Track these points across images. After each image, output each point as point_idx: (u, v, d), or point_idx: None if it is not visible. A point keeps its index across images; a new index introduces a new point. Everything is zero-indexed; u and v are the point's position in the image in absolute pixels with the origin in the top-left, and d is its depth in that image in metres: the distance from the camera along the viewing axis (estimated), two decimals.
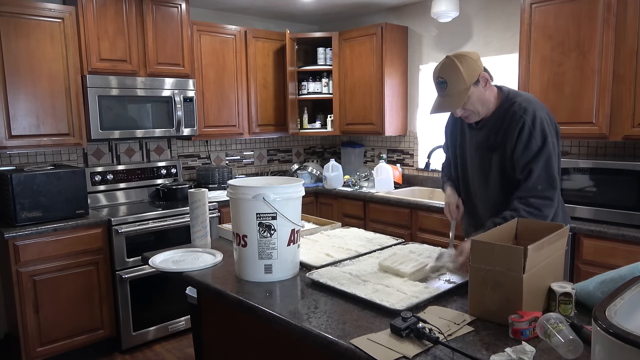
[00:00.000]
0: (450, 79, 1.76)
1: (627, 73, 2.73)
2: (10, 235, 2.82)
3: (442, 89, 1.79)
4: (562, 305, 1.42)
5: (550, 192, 1.76)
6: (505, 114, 1.84)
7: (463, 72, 1.75)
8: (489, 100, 1.85)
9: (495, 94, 1.88)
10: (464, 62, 1.76)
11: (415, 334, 1.27)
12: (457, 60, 1.76)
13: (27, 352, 2.93)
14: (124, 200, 3.75)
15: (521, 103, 1.81)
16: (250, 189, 1.75)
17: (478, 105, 1.83)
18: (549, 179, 1.76)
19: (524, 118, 1.77)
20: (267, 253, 1.77)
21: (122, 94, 3.37)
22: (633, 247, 2.56)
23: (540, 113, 1.79)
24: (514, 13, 3.51)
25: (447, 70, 1.77)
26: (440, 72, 1.80)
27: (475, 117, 1.88)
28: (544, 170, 1.76)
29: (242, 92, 4.17)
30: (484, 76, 1.80)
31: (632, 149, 3.05)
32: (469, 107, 1.83)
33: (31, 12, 3.03)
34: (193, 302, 2.48)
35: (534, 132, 1.76)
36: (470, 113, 1.85)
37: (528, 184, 1.77)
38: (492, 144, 1.88)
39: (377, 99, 4.16)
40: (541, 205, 1.75)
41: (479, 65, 1.79)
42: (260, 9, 4.32)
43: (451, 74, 1.76)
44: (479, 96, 1.81)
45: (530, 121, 1.76)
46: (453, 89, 1.77)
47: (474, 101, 1.81)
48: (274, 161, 4.88)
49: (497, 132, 1.86)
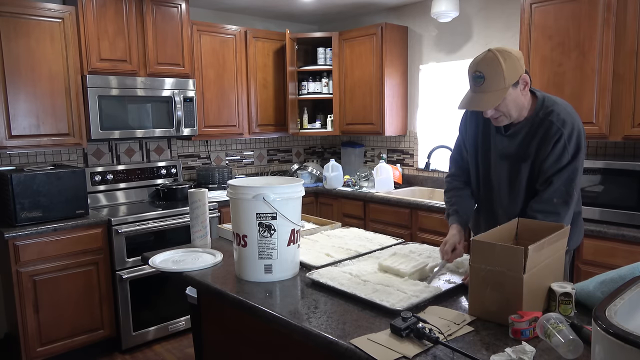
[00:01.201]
0: (489, 74, 1.62)
1: (627, 73, 2.73)
2: (10, 235, 2.82)
3: (478, 84, 1.65)
4: (562, 305, 1.42)
5: (562, 208, 1.70)
6: (540, 124, 1.72)
7: (505, 70, 1.61)
8: (523, 106, 1.73)
9: (529, 99, 1.75)
10: (508, 59, 1.62)
11: (415, 334, 1.27)
12: (500, 55, 1.62)
13: (27, 352, 2.93)
14: (124, 200, 3.75)
15: (559, 114, 1.70)
16: (250, 189, 1.75)
17: (512, 108, 1.70)
18: (565, 195, 1.69)
19: (561, 131, 1.67)
20: (267, 253, 1.77)
21: (122, 94, 3.37)
22: (633, 247, 2.56)
23: (578, 126, 1.70)
24: (514, 13, 3.51)
25: (488, 65, 1.62)
26: (479, 65, 1.65)
27: (506, 121, 1.74)
28: (563, 185, 1.69)
29: (242, 92, 4.17)
30: (524, 79, 1.67)
31: (632, 149, 3.05)
32: (502, 109, 1.69)
33: (31, 12, 3.03)
34: (193, 302, 2.48)
35: (568, 147, 1.67)
36: (501, 115, 1.72)
37: (544, 195, 1.71)
38: (524, 153, 1.77)
39: (377, 99, 4.16)
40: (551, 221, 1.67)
41: (521, 65, 1.66)
42: (260, 9, 4.32)
43: (491, 70, 1.62)
44: (515, 99, 1.68)
45: (567, 135, 1.67)
46: (490, 86, 1.63)
47: (508, 103, 1.67)
48: (274, 161, 4.88)
49: (530, 141, 1.75)
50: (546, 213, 1.70)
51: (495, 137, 1.84)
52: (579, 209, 1.91)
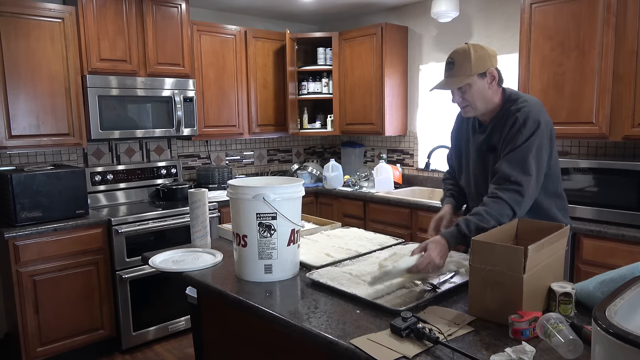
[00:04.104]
0: (458, 61, 1.79)
1: (627, 73, 2.73)
2: (10, 235, 2.82)
3: (449, 70, 1.82)
4: (562, 305, 1.42)
5: (522, 177, 1.70)
6: (504, 115, 1.83)
7: (472, 59, 1.76)
8: (491, 100, 1.83)
9: (499, 96, 1.86)
10: (479, 51, 1.78)
11: (415, 334, 1.27)
12: (472, 48, 1.78)
13: (27, 352, 2.93)
14: (124, 200, 3.75)
15: (520, 104, 1.80)
16: (250, 189, 1.75)
17: (478, 99, 1.81)
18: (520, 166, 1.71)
19: (516, 115, 1.76)
20: (267, 253, 1.77)
21: (122, 94, 3.37)
22: (633, 247, 2.56)
23: (535, 114, 1.76)
24: (514, 13, 3.51)
25: (459, 54, 1.80)
26: (452, 53, 1.83)
27: (472, 112, 1.86)
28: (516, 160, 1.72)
29: (242, 92, 4.17)
30: (491, 72, 1.80)
31: (632, 149, 3.05)
32: (468, 98, 1.81)
33: (31, 12, 3.03)
34: (193, 302, 2.48)
35: (523, 129, 1.74)
36: (467, 105, 1.84)
37: (499, 176, 1.74)
38: (491, 144, 1.87)
39: (377, 99, 4.16)
40: (510, 199, 1.69)
41: (492, 61, 1.80)
42: (260, 9, 4.32)
43: (461, 57, 1.79)
44: (482, 90, 1.80)
45: (523, 119, 1.74)
46: (458, 71, 1.78)
47: (474, 92, 1.80)
48: (274, 161, 4.88)
49: (496, 132, 1.85)
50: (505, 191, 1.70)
51: (474, 135, 1.96)
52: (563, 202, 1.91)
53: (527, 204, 1.74)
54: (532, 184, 1.73)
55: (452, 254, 1.94)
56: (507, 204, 1.69)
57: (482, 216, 1.68)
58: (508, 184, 1.71)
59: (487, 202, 1.72)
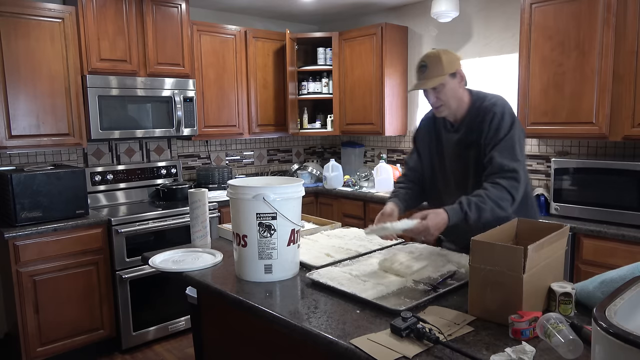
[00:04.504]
0: (430, 64, 1.90)
1: (627, 73, 2.73)
2: (10, 235, 2.82)
3: (422, 72, 1.93)
4: (562, 305, 1.42)
5: (515, 164, 1.81)
6: (477, 112, 1.94)
7: (444, 61, 1.89)
8: (462, 99, 1.96)
9: (467, 96, 1.99)
10: (447, 55, 1.92)
11: (415, 334, 1.27)
12: (441, 51, 1.93)
13: (27, 352, 2.93)
14: (124, 200, 3.75)
15: (491, 99, 1.94)
16: (250, 189, 1.75)
17: (451, 98, 1.93)
18: (511, 159, 1.82)
19: (493, 110, 1.88)
20: (267, 253, 1.77)
21: (122, 94, 3.37)
22: (633, 247, 2.56)
23: (509, 109, 1.91)
24: (514, 13, 3.51)
25: (430, 58, 1.92)
26: (423, 58, 1.95)
27: (446, 111, 1.96)
28: (507, 152, 1.83)
29: (242, 92, 4.17)
30: (460, 72, 1.93)
31: (632, 149, 3.05)
32: (442, 97, 1.92)
33: (31, 12, 3.03)
34: (193, 302, 2.48)
35: (502, 122, 1.86)
36: (442, 104, 1.94)
37: (493, 167, 1.83)
38: (468, 141, 1.96)
39: (377, 99, 4.16)
40: (508, 185, 1.79)
41: (459, 64, 1.94)
42: (260, 9, 4.32)
43: (432, 60, 1.91)
44: (454, 89, 1.92)
45: (500, 112, 1.87)
46: (432, 72, 1.90)
47: (447, 92, 1.91)
48: (274, 161, 4.88)
49: (472, 129, 1.94)
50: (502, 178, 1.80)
51: (446, 135, 2.06)
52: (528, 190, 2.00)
53: (522, 189, 1.84)
54: (522, 169, 1.85)
55: (452, 254, 1.94)
56: (505, 189, 1.79)
57: (483, 198, 1.77)
58: (504, 172, 1.81)
59: (487, 187, 1.81)
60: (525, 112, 3.16)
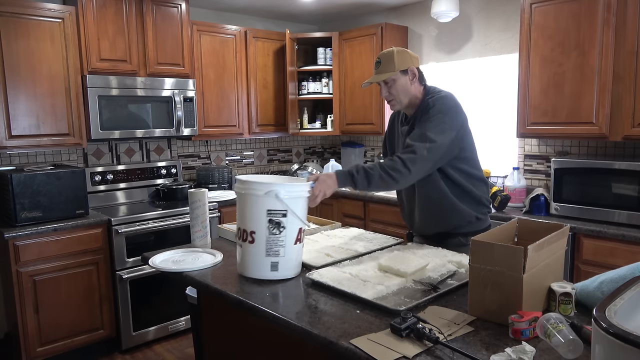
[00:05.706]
0: (384, 60, 2.08)
1: (627, 73, 2.73)
2: (10, 235, 2.82)
3: (377, 67, 2.10)
4: (562, 305, 1.42)
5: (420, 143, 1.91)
6: (426, 105, 2.06)
7: (395, 59, 2.05)
8: (414, 95, 2.10)
9: (420, 92, 2.12)
10: (401, 53, 2.07)
11: (415, 334, 1.27)
12: (396, 50, 2.08)
13: (27, 352, 2.93)
14: (124, 200, 3.75)
15: (438, 93, 2.07)
16: (262, 185, 1.75)
17: (402, 93, 2.08)
18: (420, 136, 1.94)
19: (432, 102, 2.02)
20: (275, 250, 1.77)
21: (122, 94, 3.37)
22: (633, 247, 2.56)
23: (444, 100, 2.02)
24: (514, 13, 3.51)
25: (385, 55, 2.09)
26: (379, 55, 2.12)
27: (398, 105, 2.12)
28: (417, 133, 1.96)
29: (242, 92, 4.17)
30: (412, 70, 2.07)
31: (632, 149, 3.05)
32: (393, 92, 2.08)
33: (31, 12, 3.03)
34: (193, 302, 2.48)
35: (431, 111, 1.99)
36: (393, 99, 2.10)
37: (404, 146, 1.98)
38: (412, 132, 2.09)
39: (377, 99, 4.16)
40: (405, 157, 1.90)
41: (412, 61, 2.08)
42: (260, 9, 4.32)
43: (386, 57, 2.08)
44: (404, 85, 2.07)
45: (432, 103, 2.01)
46: (384, 68, 2.07)
47: (398, 87, 2.07)
48: (274, 161, 4.88)
49: (419, 121, 2.06)
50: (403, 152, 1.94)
51: (400, 128, 2.21)
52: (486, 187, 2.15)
53: (424, 165, 1.92)
54: (429, 148, 1.91)
55: (452, 254, 1.94)
56: (400, 160, 1.90)
57: (373, 165, 1.91)
58: (405, 148, 1.96)
59: (384, 159, 1.98)
60: (525, 112, 3.16)
